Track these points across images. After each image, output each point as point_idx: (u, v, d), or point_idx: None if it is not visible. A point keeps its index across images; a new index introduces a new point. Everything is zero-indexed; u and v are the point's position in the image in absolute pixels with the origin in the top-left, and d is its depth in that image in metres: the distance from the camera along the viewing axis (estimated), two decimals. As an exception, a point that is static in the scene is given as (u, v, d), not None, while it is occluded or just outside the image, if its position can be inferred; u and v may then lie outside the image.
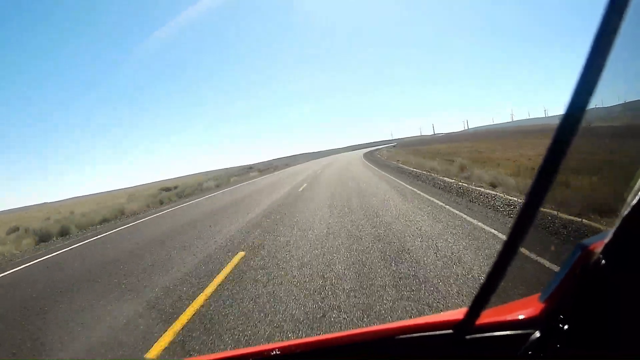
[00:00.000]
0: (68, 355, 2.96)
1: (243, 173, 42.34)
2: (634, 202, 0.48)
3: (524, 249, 3.35)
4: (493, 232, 4.73)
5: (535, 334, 0.61)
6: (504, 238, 0.57)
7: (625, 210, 0.49)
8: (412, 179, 12.21)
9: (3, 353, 3.22)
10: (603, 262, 0.52)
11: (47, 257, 8.04)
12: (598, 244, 0.54)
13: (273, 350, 0.83)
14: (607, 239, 0.52)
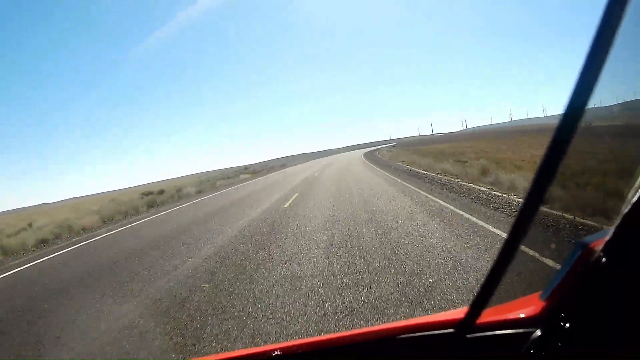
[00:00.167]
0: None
1: (235, 175, 40.05)
2: (634, 199, 0.48)
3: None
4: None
5: (537, 333, 0.60)
6: (505, 236, 0.57)
7: (626, 208, 0.49)
8: (433, 187, 9.06)
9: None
10: (604, 260, 0.52)
11: None
12: (599, 242, 0.54)
13: (274, 351, 0.83)
14: (607, 237, 0.52)
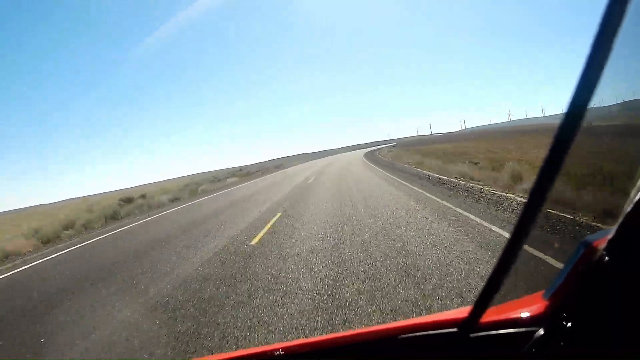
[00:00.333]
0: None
1: (227, 177, 37.85)
2: (637, 198, 0.48)
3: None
4: None
5: (540, 332, 0.60)
6: (508, 236, 0.57)
7: (628, 207, 0.49)
8: (467, 202, 6.65)
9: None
10: (606, 258, 0.52)
11: None
12: (601, 241, 0.53)
13: (277, 351, 0.82)
14: (610, 236, 0.52)
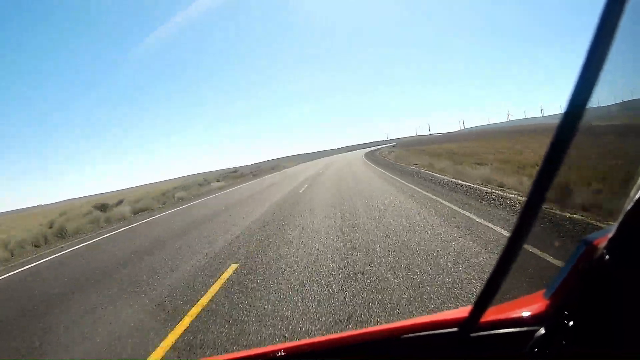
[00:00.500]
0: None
1: (218, 179, 35.14)
2: (637, 196, 0.48)
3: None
4: None
5: (541, 331, 0.60)
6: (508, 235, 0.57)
7: (629, 205, 0.49)
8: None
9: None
10: (607, 257, 0.52)
11: None
12: (602, 239, 0.53)
13: (278, 352, 0.82)
14: (610, 234, 0.51)
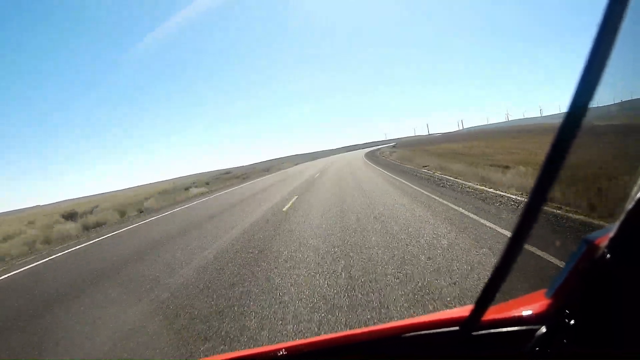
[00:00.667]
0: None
1: (211, 180, 33.07)
2: (638, 195, 0.48)
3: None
4: None
5: (542, 330, 0.60)
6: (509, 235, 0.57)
7: (630, 204, 0.49)
8: None
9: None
10: (608, 256, 0.52)
11: None
12: (603, 239, 0.53)
13: (279, 351, 0.82)
14: (612, 233, 0.51)
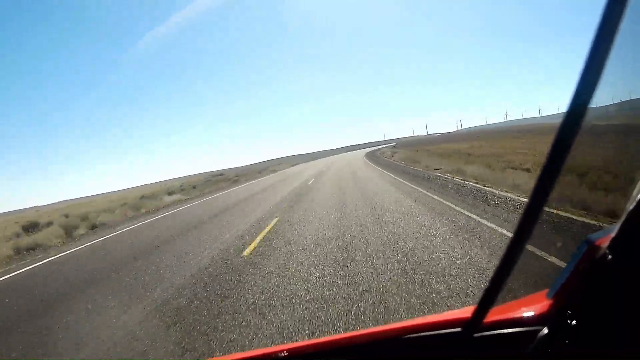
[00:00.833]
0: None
1: (181, 189, 29.73)
2: (639, 196, 0.48)
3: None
4: None
5: (544, 331, 0.60)
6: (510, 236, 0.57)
7: (631, 205, 0.49)
8: None
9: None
10: (609, 257, 0.52)
11: None
12: (604, 239, 0.53)
13: (281, 352, 0.82)
14: (613, 234, 0.52)
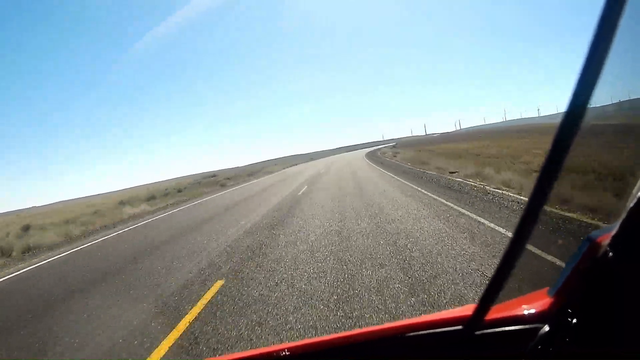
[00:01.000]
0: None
1: (166, 194, 27.30)
2: None
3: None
4: None
5: (545, 329, 0.61)
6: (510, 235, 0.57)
7: (631, 203, 0.49)
8: None
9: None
10: (610, 254, 0.52)
11: None
12: (605, 237, 0.54)
13: (282, 351, 0.82)
14: (614, 232, 0.52)
